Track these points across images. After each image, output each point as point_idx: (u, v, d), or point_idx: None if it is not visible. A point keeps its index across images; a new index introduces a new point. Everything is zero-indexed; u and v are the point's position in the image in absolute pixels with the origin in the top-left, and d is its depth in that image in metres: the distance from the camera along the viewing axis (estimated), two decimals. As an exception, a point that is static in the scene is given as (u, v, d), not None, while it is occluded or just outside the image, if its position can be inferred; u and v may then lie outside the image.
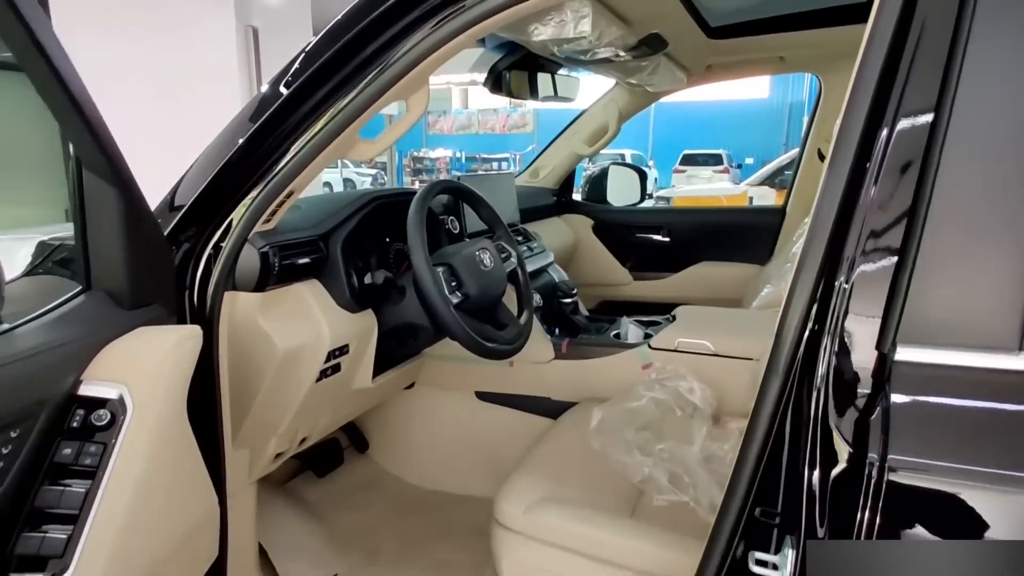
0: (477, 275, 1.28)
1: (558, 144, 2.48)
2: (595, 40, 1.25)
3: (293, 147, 1.06)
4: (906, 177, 0.67)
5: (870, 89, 0.69)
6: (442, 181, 1.34)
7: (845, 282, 0.68)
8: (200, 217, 1.09)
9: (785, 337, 0.73)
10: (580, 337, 1.71)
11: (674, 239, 2.50)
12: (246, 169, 1.07)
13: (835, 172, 0.71)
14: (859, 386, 0.67)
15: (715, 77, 2.18)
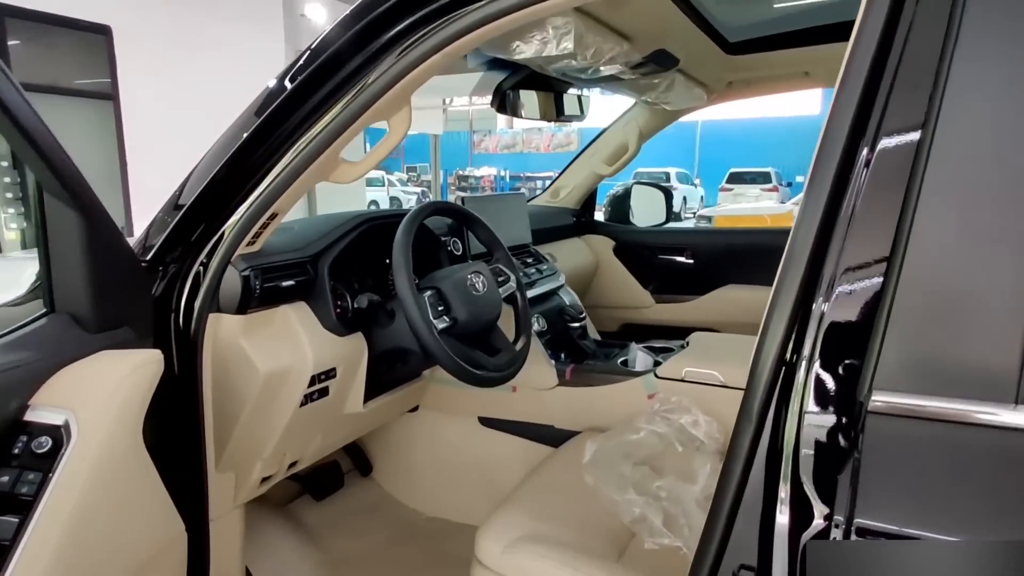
0: (467, 299, 1.24)
1: (578, 164, 2.44)
2: (589, 57, 1.20)
3: (274, 169, 1.05)
4: (890, 200, 0.60)
5: (851, 107, 0.63)
6: (435, 202, 1.31)
7: (820, 318, 0.62)
8: (184, 238, 1.10)
9: (758, 378, 0.67)
10: (585, 363, 1.64)
11: (698, 261, 2.40)
12: (226, 191, 1.07)
13: (813, 196, 0.65)
14: (831, 436, 0.60)
15: (737, 94, 2.10)
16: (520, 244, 1.91)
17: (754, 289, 2.28)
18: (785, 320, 0.64)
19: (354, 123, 1.01)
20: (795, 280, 0.64)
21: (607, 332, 2.49)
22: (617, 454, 1.29)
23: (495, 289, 1.34)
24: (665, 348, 1.67)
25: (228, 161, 1.04)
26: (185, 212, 1.07)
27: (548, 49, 1.03)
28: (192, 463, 1.16)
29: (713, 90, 1.98)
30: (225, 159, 1.04)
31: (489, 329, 1.32)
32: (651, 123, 2.22)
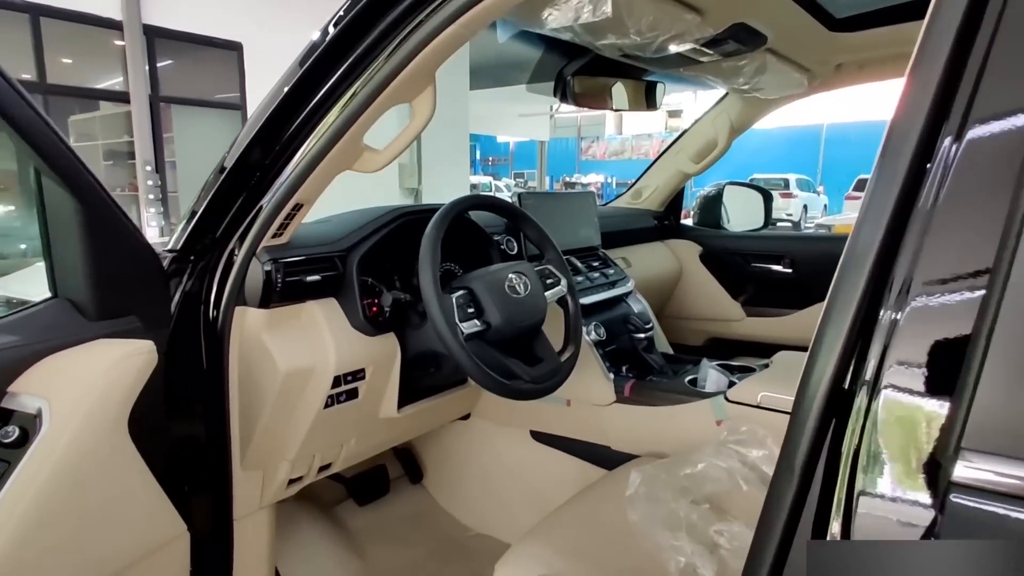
0: (503, 302, 1.13)
1: (663, 162, 2.24)
2: (645, 31, 1.05)
3: (294, 157, 1.00)
4: (992, 199, 0.42)
5: (931, 87, 0.46)
6: (475, 196, 1.21)
7: (884, 350, 0.45)
8: (211, 229, 1.07)
9: (802, 423, 0.50)
10: (648, 380, 1.47)
11: (798, 270, 2.13)
12: (248, 180, 1.03)
13: (879, 196, 0.48)
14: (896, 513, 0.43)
15: (848, 79, 1.82)
16: (587, 247, 1.76)
17: (864, 304, 1.98)
18: (839, 347, 0.47)
19: (372, 104, 0.93)
20: (853, 294, 0.47)
21: (690, 347, 2.28)
22: (671, 487, 1.12)
23: (539, 292, 1.21)
24: (743, 368, 1.46)
25: (247, 149, 1.00)
26: (210, 201, 1.04)
27: (583, 15, 0.90)
28: (217, 459, 1.13)
29: (816, 75, 1.72)
30: (244, 147, 1.00)
31: (530, 336, 1.20)
32: (744, 115, 1.99)
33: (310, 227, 1.26)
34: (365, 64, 0.91)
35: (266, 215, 1.04)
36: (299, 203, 1.05)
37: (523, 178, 23.68)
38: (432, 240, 1.08)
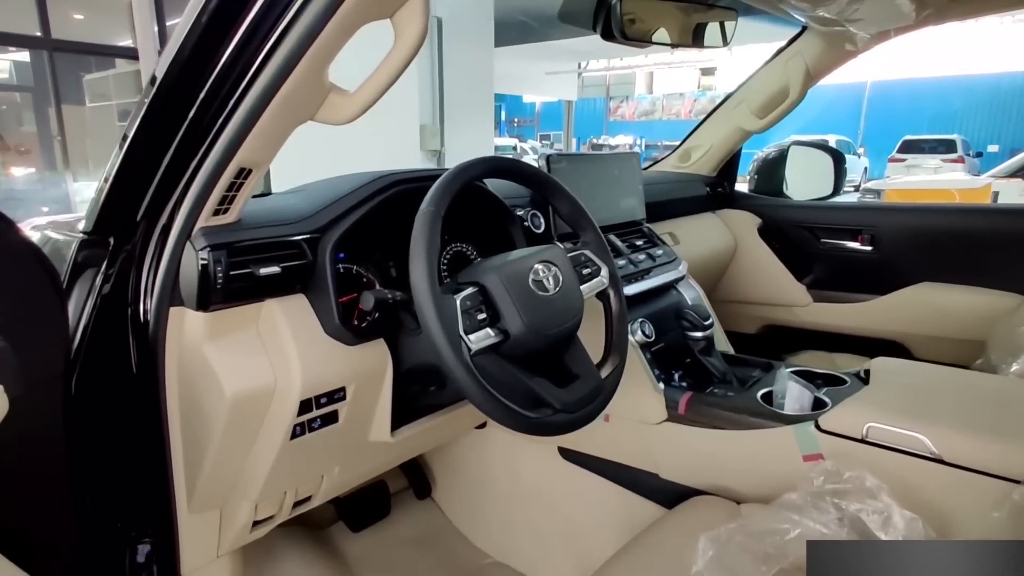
0: (527, 303, 0.83)
1: (717, 117, 1.89)
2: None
3: (227, 105, 0.71)
4: None
5: None
6: (488, 158, 0.89)
7: None
8: (132, 200, 0.80)
9: None
10: (709, 392, 1.17)
11: (880, 248, 1.78)
12: (170, 132, 0.74)
13: None
14: None
15: (966, 11, 1.43)
16: (629, 221, 1.45)
17: (965, 291, 1.64)
18: None
19: (332, 19, 0.63)
20: None
21: (744, 335, 1.96)
22: (749, 554, 0.83)
23: (575, 287, 0.91)
24: (832, 377, 1.15)
25: (163, 90, 0.71)
26: (123, 163, 0.76)
27: None
28: (156, 499, 0.88)
29: (927, 4, 1.35)
30: (159, 87, 0.71)
31: (562, 346, 0.90)
32: (824, 58, 1.62)
33: (274, 200, 0.97)
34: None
35: (200, 185, 0.76)
36: (245, 167, 0.76)
37: (549, 140, 23.06)
38: (428, 221, 0.78)
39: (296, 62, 0.65)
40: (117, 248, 0.81)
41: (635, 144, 20.14)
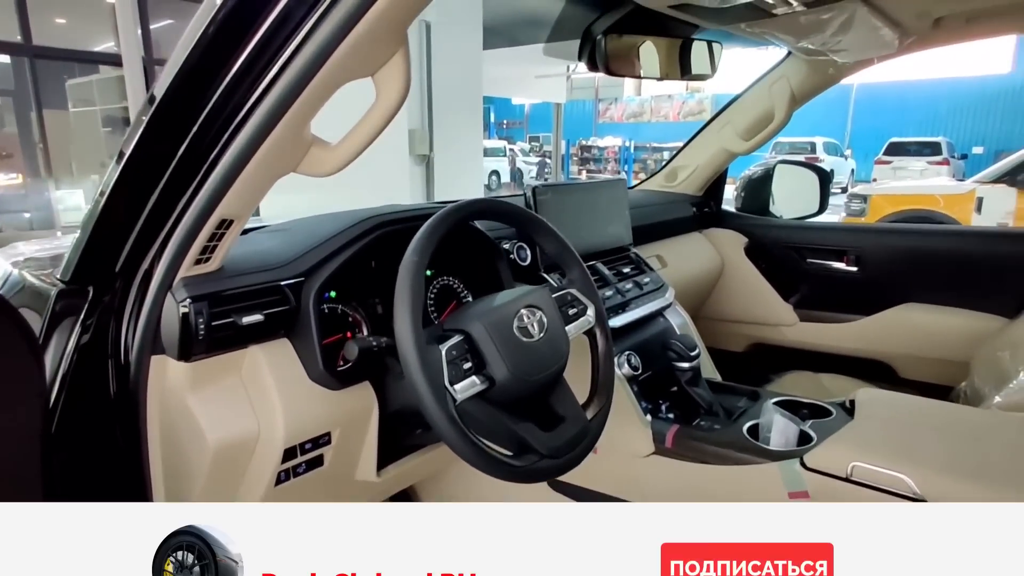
0: (512, 350, 0.83)
1: (704, 138, 1.89)
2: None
3: (212, 154, 0.70)
4: None
5: None
6: (475, 201, 0.89)
7: None
8: (111, 251, 0.79)
9: None
10: (696, 424, 1.17)
11: (865, 269, 1.79)
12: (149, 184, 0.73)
13: None
14: None
15: (947, 37, 1.45)
16: (615, 246, 1.45)
17: (949, 312, 1.65)
18: None
19: (315, 78, 0.62)
20: None
21: (731, 353, 1.97)
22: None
23: (559, 329, 0.91)
24: (818, 408, 1.15)
25: (144, 141, 0.70)
26: (102, 215, 0.75)
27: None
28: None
29: (910, 31, 1.36)
30: (139, 138, 0.70)
31: (547, 388, 0.90)
32: (809, 82, 1.63)
33: (257, 241, 0.96)
34: (300, 18, 0.59)
35: (181, 236, 0.75)
36: (227, 219, 0.75)
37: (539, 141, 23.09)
38: (412, 271, 0.77)
39: (279, 118, 0.65)
40: (96, 298, 0.80)
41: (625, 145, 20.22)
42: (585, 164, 20.86)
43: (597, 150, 21.12)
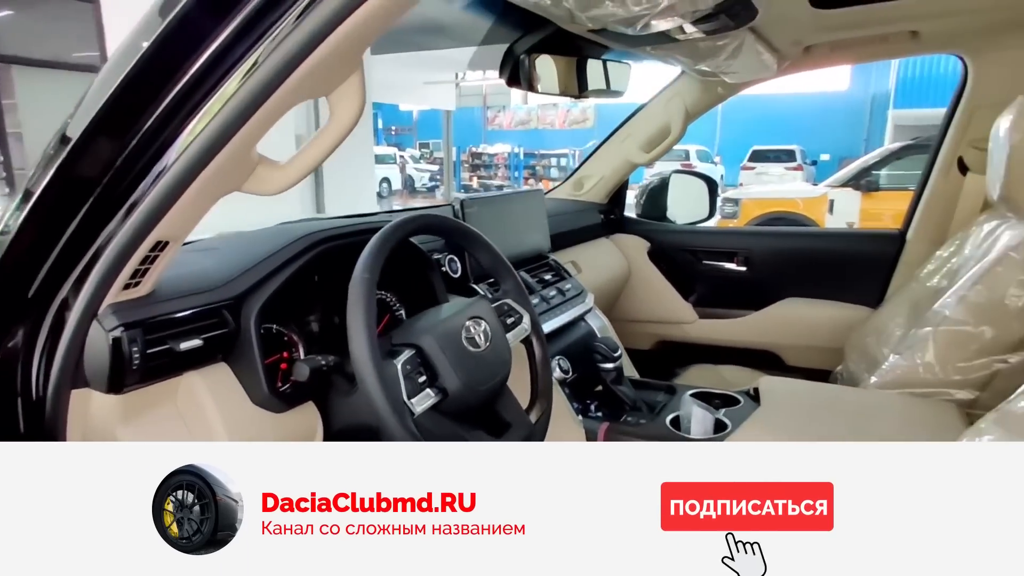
0: (462, 361, 0.85)
1: (607, 149, 2.01)
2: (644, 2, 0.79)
3: (152, 170, 0.67)
4: None
5: None
6: (419, 217, 0.91)
7: None
8: (25, 275, 0.72)
9: None
10: (624, 420, 1.25)
11: (753, 268, 1.98)
12: (76, 203, 0.68)
13: None
14: None
15: (815, 62, 1.66)
16: (536, 254, 1.51)
17: (823, 305, 1.86)
18: None
19: (270, 99, 0.61)
20: None
21: (640, 351, 2.09)
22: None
23: (502, 339, 0.94)
24: (728, 398, 1.27)
25: (73, 156, 0.65)
26: (18, 234, 0.69)
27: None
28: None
29: (786, 56, 1.54)
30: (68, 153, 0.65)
31: (494, 397, 0.93)
32: (701, 100, 1.79)
33: (185, 262, 0.92)
34: (257, 37, 0.59)
35: (111, 259, 0.70)
36: (163, 240, 0.72)
37: (428, 148, 23.01)
38: (365, 288, 0.77)
39: (228, 138, 0.63)
40: (2, 329, 0.73)
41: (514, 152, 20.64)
42: (476, 171, 21.02)
43: (487, 157, 21.38)
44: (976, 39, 1.48)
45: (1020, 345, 1.15)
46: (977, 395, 1.18)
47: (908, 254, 1.74)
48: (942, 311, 1.22)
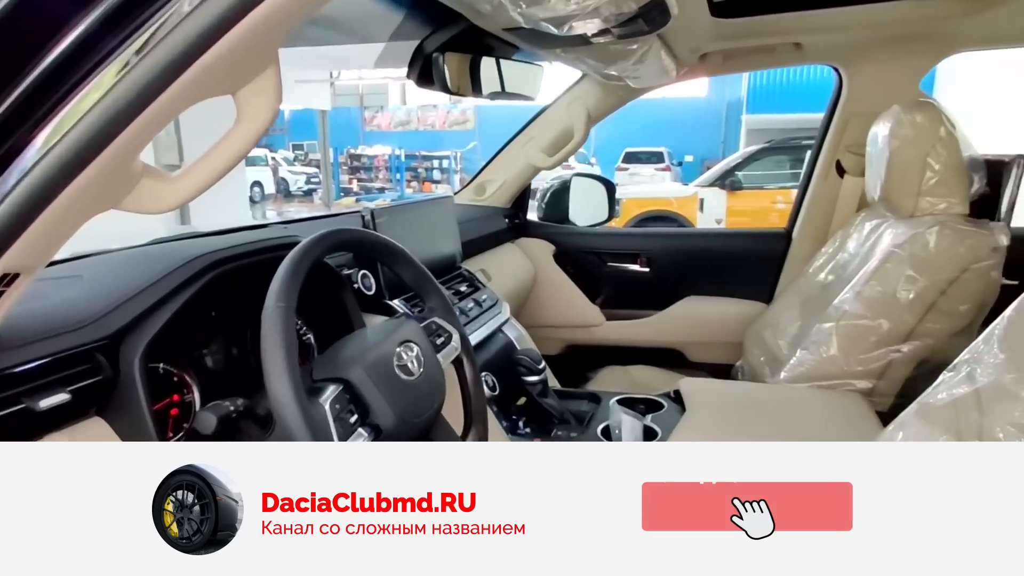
0: (394, 392, 0.76)
1: (509, 153, 1.97)
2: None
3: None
4: None
5: None
6: (335, 232, 0.80)
7: None
8: None
9: None
10: (555, 435, 1.21)
11: (655, 269, 2.03)
12: None
13: None
14: None
15: (709, 70, 1.72)
16: (449, 264, 1.43)
17: (721, 302, 1.94)
18: None
19: (157, 99, 0.49)
20: None
21: (549, 357, 2.06)
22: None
23: (435, 363, 0.86)
24: (652, 403, 1.27)
25: None
26: None
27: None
28: None
29: (685, 63, 1.58)
30: None
31: (428, 428, 0.84)
32: (603, 104, 1.79)
33: (40, 296, 0.74)
34: (144, 16, 0.47)
35: None
36: (10, 273, 0.56)
37: (303, 150, 21.94)
38: (282, 320, 0.66)
39: (103, 145, 0.50)
40: None
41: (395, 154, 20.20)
42: (355, 173, 20.34)
43: (367, 159, 20.75)
44: (850, 53, 1.60)
45: (911, 335, 1.24)
46: (875, 383, 1.27)
47: (794, 251, 1.85)
48: (842, 306, 1.29)
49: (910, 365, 1.26)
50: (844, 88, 1.66)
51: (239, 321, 0.89)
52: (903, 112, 1.30)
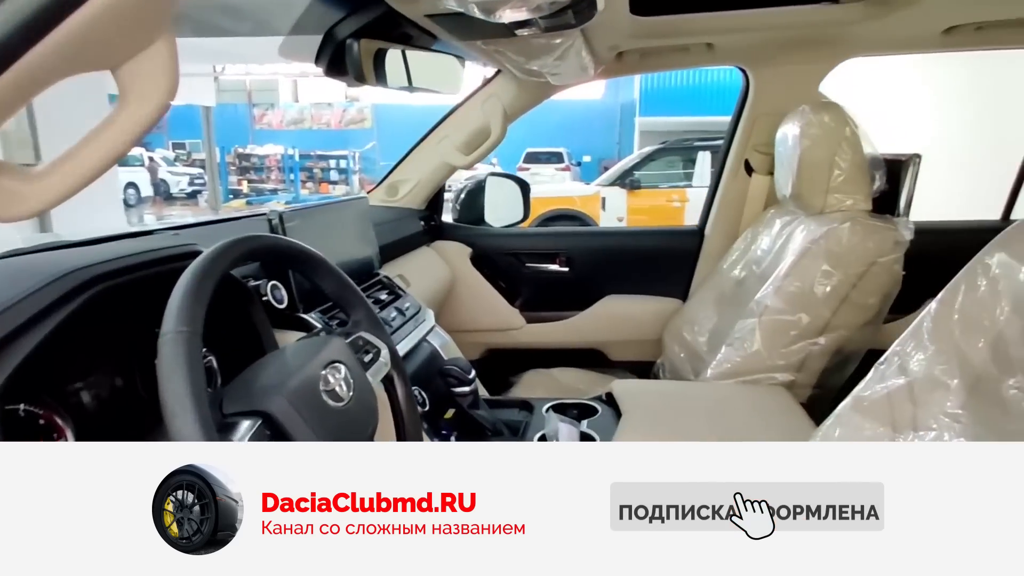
0: (324, 422, 0.66)
1: (422, 152, 1.88)
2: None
3: None
4: None
5: None
6: (243, 241, 0.69)
7: None
8: None
9: None
10: (489, 449, 1.14)
11: (574, 268, 2.01)
12: None
13: None
14: None
15: (623, 68, 1.72)
16: (366, 270, 1.32)
17: (639, 300, 1.96)
18: None
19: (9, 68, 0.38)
20: None
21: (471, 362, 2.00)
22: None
23: (365, 384, 0.77)
24: (586, 408, 1.23)
25: None
26: None
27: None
28: None
29: (602, 60, 1.56)
30: None
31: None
32: (519, 101, 1.75)
33: None
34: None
35: None
36: None
37: (185, 149, 20.43)
38: (186, 347, 0.55)
39: None
40: None
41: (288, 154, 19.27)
42: (245, 174, 19.17)
43: (257, 159, 19.62)
44: (757, 54, 1.65)
45: (827, 328, 1.29)
46: (795, 376, 1.31)
47: (707, 248, 1.89)
48: (763, 302, 1.32)
49: (826, 357, 1.32)
50: (751, 89, 1.72)
51: (121, 345, 0.75)
52: (812, 112, 1.35)
